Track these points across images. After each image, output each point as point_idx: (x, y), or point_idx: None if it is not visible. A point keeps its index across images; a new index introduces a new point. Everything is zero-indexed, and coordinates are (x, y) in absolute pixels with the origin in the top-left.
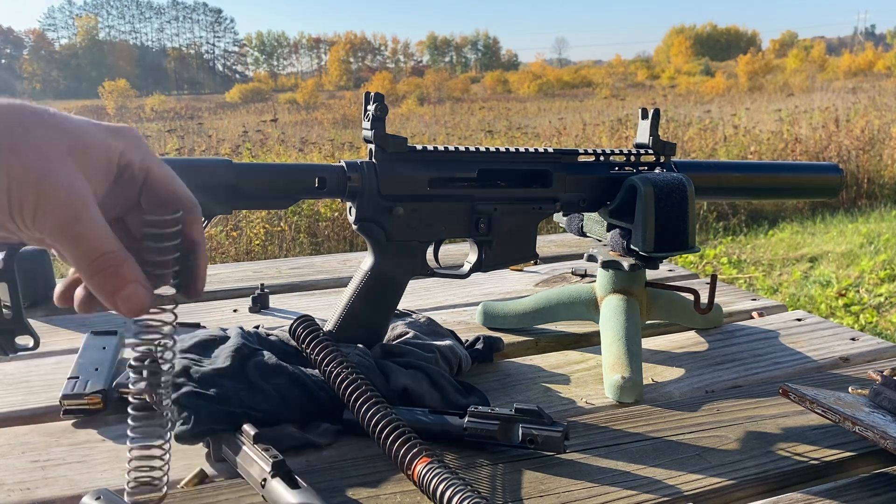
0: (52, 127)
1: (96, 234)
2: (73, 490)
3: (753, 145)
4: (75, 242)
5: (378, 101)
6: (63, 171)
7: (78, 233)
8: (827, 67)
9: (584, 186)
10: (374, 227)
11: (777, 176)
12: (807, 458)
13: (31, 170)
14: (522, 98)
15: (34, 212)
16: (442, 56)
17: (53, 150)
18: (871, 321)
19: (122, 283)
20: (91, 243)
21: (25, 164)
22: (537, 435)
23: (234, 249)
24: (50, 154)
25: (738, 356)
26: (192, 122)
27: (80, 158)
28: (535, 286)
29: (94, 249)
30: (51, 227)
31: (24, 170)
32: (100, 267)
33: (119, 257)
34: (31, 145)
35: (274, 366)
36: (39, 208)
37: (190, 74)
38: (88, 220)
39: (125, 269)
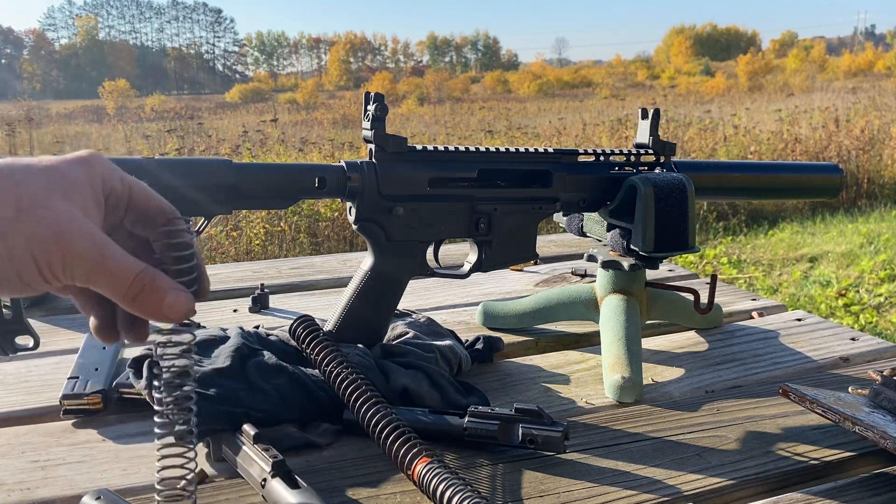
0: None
1: (123, 263)
2: (73, 490)
3: (753, 145)
4: (108, 278)
5: (378, 101)
6: (73, 217)
7: (108, 269)
8: (827, 67)
9: (584, 186)
10: (374, 227)
11: (777, 176)
12: (807, 458)
13: (46, 227)
14: (522, 98)
15: (63, 266)
16: (442, 56)
17: (54, 199)
18: (871, 321)
19: (162, 294)
20: (123, 273)
21: (39, 223)
22: (537, 435)
23: (234, 249)
24: (54, 204)
25: (738, 356)
26: (192, 122)
27: (75, 198)
28: (535, 286)
29: (126, 277)
30: (82, 273)
31: (40, 228)
32: (137, 289)
33: (149, 274)
34: (35, 203)
35: (274, 366)
36: (67, 261)
37: (190, 74)
38: (112, 254)
39: (159, 281)
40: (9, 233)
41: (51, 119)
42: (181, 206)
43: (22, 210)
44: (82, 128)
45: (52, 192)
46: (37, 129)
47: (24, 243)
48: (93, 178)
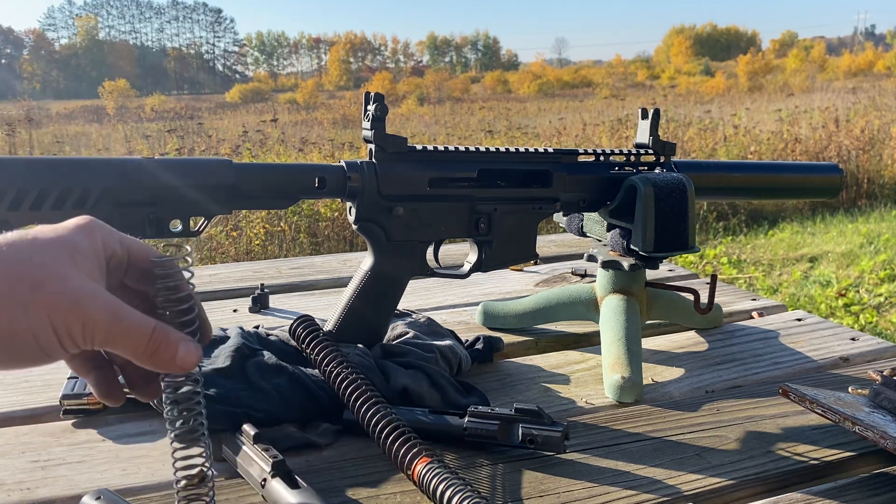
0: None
1: (136, 321)
2: (73, 490)
3: (753, 145)
4: (125, 338)
5: (378, 101)
6: (85, 284)
7: (124, 329)
8: (827, 67)
9: (584, 186)
10: (374, 227)
11: (777, 176)
12: (807, 458)
13: (63, 298)
14: (522, 98)
15: (83, 332)
16: (442, 56)
17: (65, 269)
18: (871, 321)
19: (175, 347)
20: (138, 331)
21: (56, 295)
22: (537, 435)
23: (234, 249)
24: (66, 274)
25: (738, 356)
26: (192, 122)
27: (82, 265)
28: (535, 286)
29: (142, 335)
30: (101, 336)
31: (58, 299)
32: (154, 346)
33: (161, 329)
34: (49, 276)
35: (274, 366)
36: (87, 326)
37: (190, 74)
38: (126, 315)
39: (170, 335)
40: (29, 307)
41: (51, 119)
42: (181, 207)
43: (37, 285)
44: (82, 128)
45: (61, 263)
46: (37, 129)
47: (45, 315)
48: (95, 244)
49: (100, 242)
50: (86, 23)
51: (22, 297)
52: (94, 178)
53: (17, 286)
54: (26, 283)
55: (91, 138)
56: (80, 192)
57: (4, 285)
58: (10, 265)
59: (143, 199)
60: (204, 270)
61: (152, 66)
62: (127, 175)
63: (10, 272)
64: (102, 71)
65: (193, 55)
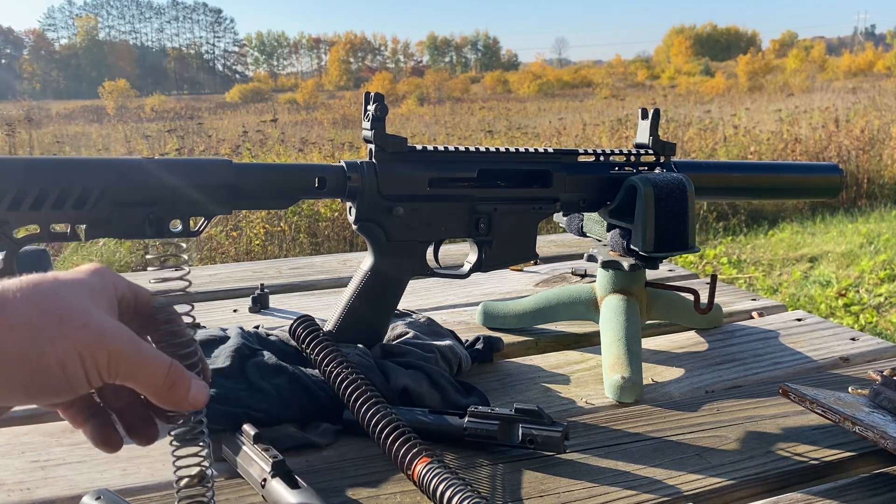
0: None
1: (154, 355)
2: (73, 490)
3: (753, 145)
4: (146, 371)
5: (378, 102)
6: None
7: (145, 363)
8: (827, 67)
9: (584, 186)
10: (374, 227)
11: (777, 176)
12: (807, 458)
13: (89, 330)
14: (522, 98)
15: (108, 364)
16: (442, 56)
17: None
18: (871, 321)
19: (187, 385)
20: (158, 366)
21: (82, 328)
22: (537, 435)
23: (234, 249)
24: (89, 309)
25: (738, 356)
26: (191, 122)
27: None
28: (535, 286)
29: (160, 369)
30: (124, 370)
31: (84, 332)
32: (171, 380)
33: (177, 366)
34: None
35: (274, 366)
36: (112, 358)
37: (190, 74)
38: (146, 349)
39: (184, 372)
40: (56, 340)
41: (51, 119)
42: (181, 207)
43: (64, 318)
44: (82, 128)
45: (83, 299)
46: (37, 129)
47: (72, 347)
48: (107, 286)
49: (112, 285)
50: (86, 23)
51: (50, 330)
52: (93, 178)
53: (45, 319)
54: (53, 317)
55: (91, 138)
56: (80, 192)
57: (34, 319)
58: (37, 300)
59: (143, 199)
60: (204, 270)
61: (152, 66)
62: (127, 175)
63: (38, 306)
64: (102, 71)
65: (193, 55)
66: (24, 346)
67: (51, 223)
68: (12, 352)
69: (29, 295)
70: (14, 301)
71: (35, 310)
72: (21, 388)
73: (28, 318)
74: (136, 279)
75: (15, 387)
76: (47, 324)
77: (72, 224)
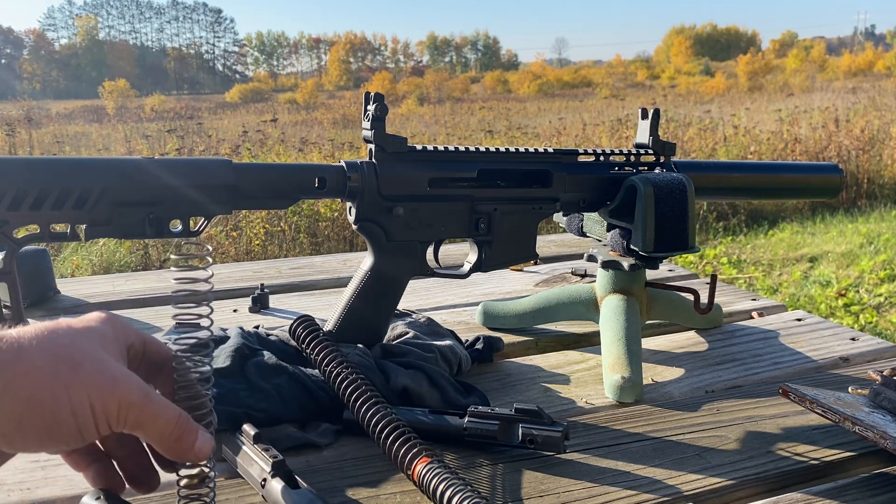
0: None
1: (163, 405)
2: (73, 490)
3: (753, 145)
4: (155, 421)
5: (378, 101)
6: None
7: (155, 413)
8: (827, 67)
9: (584, 186)
10: (374, 227)
11: (777, 176)
12: (807, 458)
13: (101, 377)
14: (522, 98)
15: (118, 413)
16: (442, 56)
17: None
18: (871, 321)
19: (194, 437)
20: (168, 416)
21: (95, 374)
22: (537, 435)
23: (234, 249)
24: (101, 356)
25: (738, 356)
26: (191, 122)
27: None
28: (535, 286)
29: (171, 419)
30: (133, 418)
31: (97, 378)
32: (180, 431)
33: (185, 417)
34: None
35: (274, 366)
36: (122, 406)
37: (190, 74)
38: (155, 398)
39: (192, 423)
40: (70, 387)
41: (51, 119)
42: (181, 206)
43: (78, 366)
44: (82, 128)
45: (95, 347)
46: (37, 129)
47: (85, 395)
48: (117, 334)
49: (122, 333)
50: (86, 23)
51: (64, 377)
52: (93, 178)
53: (59, 366)
54: (68, 364)
55: (91, 138)
56: (80, 192)
57: (48, 365)
58: (51, 347)
59: (143, 199)
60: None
61: (152, 66)
62: (127, 175)
63: (52, 353)
64: (102, 71)
65: (193, 55)
66: (39, 393)
67: (51, 223)
68: (26, 398)
69: (44, 343)
70: (30, 349)
71: (50, 357)
72: (33, 434)
73: (43, 364)
74: (144, 278)
75: (27, 433)
76: (62, 370)
77: (72, 224)
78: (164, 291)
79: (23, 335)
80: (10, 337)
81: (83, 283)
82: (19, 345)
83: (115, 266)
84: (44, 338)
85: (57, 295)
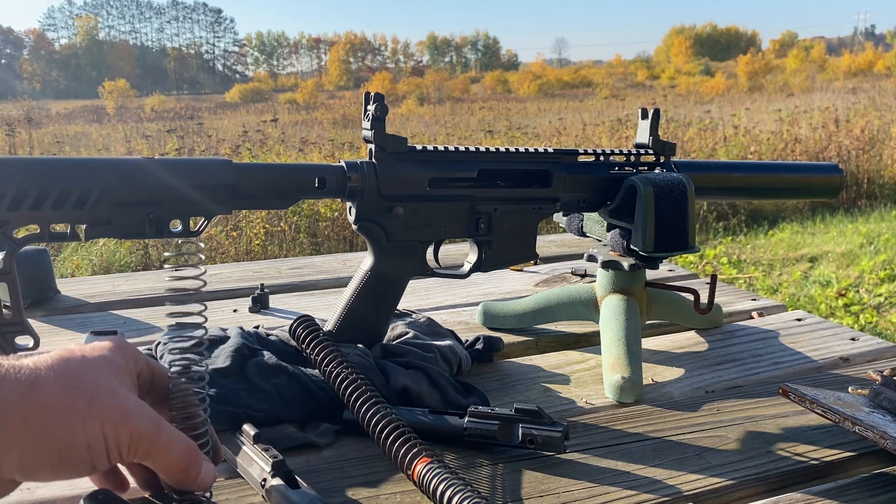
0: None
1: (174, 437)
2: (73, 490)
3: (753, 145)
4: (164, 453)
5: (378, 101)
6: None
7: (164, 445)
8: (827, 67)
9: (584, 186)
10: (374, 227)
11: (777, 176)
12: (807, 458)
13: (115, 410)
14: (522, 98)
15: (129, 445)
16: (442, 56)
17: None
18: (871, 321)
19: (199, 467)
20: (176, 447)
21: (110, 407)
22: (537, 435)
23: (234, 249)
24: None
25: (738, 356)
26: (191, 122)
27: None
28: (535, 286)
29: (180, 450)
30: (144, 450)
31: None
32: (187, 461)
33: (193, 447)
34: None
35: (274, 366)
36: (133, 438)
37: (190, 74)
38: (166, 429)
39: (197, 454)
40: (86, 419)
41: (51, 119)
42: (181, 206)
43: (93, 398)
44: (82, 128)
45: (109, 378)
46: (37, 129)
47: (99, 427)
48: (128, 362)
49: (132, 361)
50: (86, 23)
51: (80, 409)
52: (93, 178)
53: (76, 398)
54: (84, 396)
55: (91, 138)
56: (80, 192)
57: (64, 397)
58: (68, 379)
59: (143, 200)
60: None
61: (152, 66)
62: (127, 175)
63: (69, 385)
64: (102, 71)
65: (193, 55)
66: (55, 425)
67: (51, 223)
68: (42, 429)
69: (59, 374)
70: (46, 381)
71: (65, 389)
72: (47, 464)
73: (59, 396)
74: (144, 278)
75: (42, 463)
76: (78, 403)
77: (72, 224)
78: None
79: (38, 366)
80: (26, 368)
81: (83, 283)
82: (36, 375)
83: (115, 266)
84: (59, 369)
85: (57, 295)
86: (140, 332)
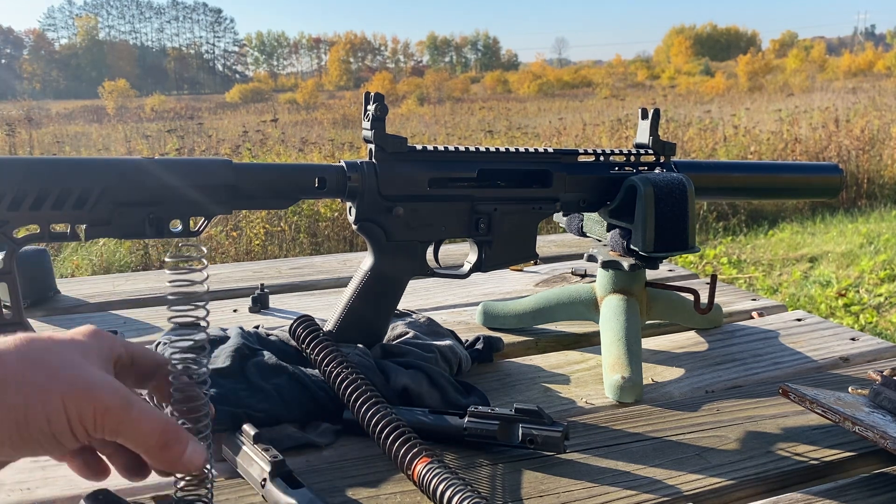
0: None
1: (149, 412)
2: (73, 490)
3: (753, 145)
4: (135, 428)
5: (378, 102)
6: (96, 373)
7: (135, 420)
8: (827, 67)
9: (584, 186)
10: (374, 227)
11: (777, 176)
12: (807, 458)
13: (76, 384)
14: (522, 98)
15: (94, 419)
16: (442, 56)
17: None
18: (871, 321)
19: (183, 446)
20: (150, 424)
21: (70, 381)
22: (537, 435)
23: (234, 249)
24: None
25: (738, 356)
26: (192, 122)
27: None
28: (535, 286)
29: (154, 427)
30: (111, 426)
31: (72, 386)
32: (165, 439)
33: (172, 425)
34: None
35: (274, 366)
36: (98, 413)
37: (190, 74)
38: (137, 405)
39: (181, 432)
40: (44, 391)
41: (51, 119)
42: (181, 206)
43: (53, 371)
44: (82, 128)
45: (74, 355)
46: (37, 129)
47: (59, 400)
48: (102, 347)
49: (107, 346)
50: (86, 23)
51: (38, 381)
52: (93, 178)
53: (37, 373)
54: (43, 370)
55: (91, 138)
56: (80, 192)
57: (23, 371)
58: (29, 354)
59: (143, 200)
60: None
61: (152, 66)
62: (127, 175)
63: (29, 360)
64: (102, 71)
65: (193, 55)
66: (13, 400)
67: (51, 223)
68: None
69: (23, 351)
70: (8, 356)
71: (27, 364)
72: (8, 440)
73: (19, 371)
74: (144, 278)
75: (2, 440)
76: (37, 377)
77: (72, 224)
78: (164, 291)
79: (2, 345)
80: None
81: (83, 283)
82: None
83: (115, 266)
84: (22, 346)
85: (57, 295)
86: (140, 332)
